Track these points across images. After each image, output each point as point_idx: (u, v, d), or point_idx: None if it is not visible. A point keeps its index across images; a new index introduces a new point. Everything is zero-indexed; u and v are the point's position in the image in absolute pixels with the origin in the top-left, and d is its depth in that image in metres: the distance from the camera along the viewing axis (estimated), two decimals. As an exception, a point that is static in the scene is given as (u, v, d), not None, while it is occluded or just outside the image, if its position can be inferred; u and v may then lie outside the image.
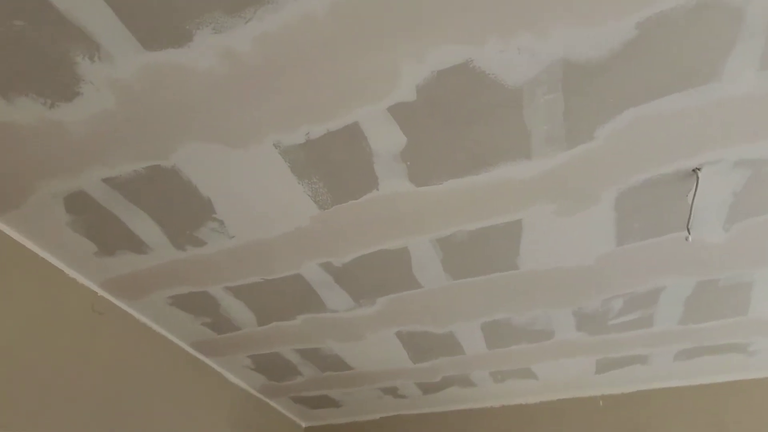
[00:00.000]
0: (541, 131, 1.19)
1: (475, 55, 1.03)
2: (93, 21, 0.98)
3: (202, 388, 2.29)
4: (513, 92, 1.11)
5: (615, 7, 0.94)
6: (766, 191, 1.32)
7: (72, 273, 1.74)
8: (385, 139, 1.23)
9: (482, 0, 0.92)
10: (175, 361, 2.15)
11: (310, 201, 1.42)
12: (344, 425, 2.94)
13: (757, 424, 2.18)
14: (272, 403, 2.80)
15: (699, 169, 1.25)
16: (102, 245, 1.63)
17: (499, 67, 1.06)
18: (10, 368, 1.49)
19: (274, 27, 0.98)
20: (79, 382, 1.70)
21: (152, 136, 1.23)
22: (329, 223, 1.49)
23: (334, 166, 1.31)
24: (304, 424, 3.06)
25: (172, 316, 2.00)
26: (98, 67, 1.06)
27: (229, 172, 1.33)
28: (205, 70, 1.07)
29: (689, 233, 1.38)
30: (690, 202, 1.33)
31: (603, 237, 1.52)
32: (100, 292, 1.84)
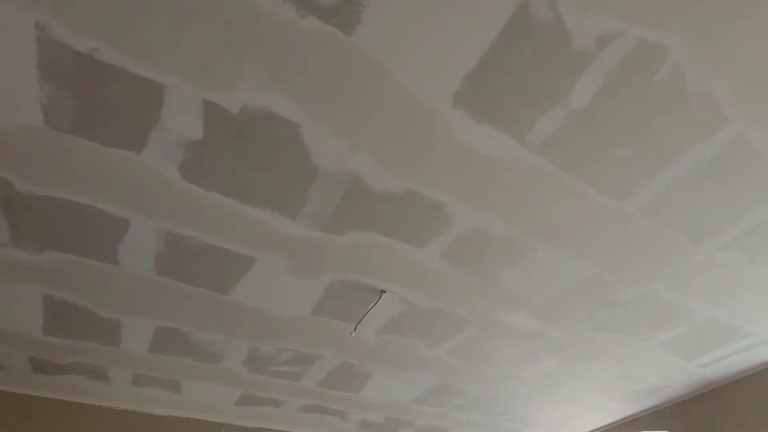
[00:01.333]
0: (313, 208, 1.37)
1: (306, 126, 1.14)
2: None
3: None
4: (313, 168, 1.25)
5: (397, 168, 1.27)
6: (407, 324, 1.93)
7: None
8: (182, 123, 1.12)
9: (339, 94, 1.06)
10: None
11: (38, 109, 1.08)
12: None
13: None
14: None
15: (384, 291, 1.73)
16: None
17: (316, 146, 1.19)
18: None
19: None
20: None
21: None
22: (47, 145, 1.16)
23: (104, 103, 1.08)
24: None
25: None
26: None
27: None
28: None
29: (355, 330, 1.84)
30: (367, 310, 1.79)
31: (305, 303, 1.79)
32: None
